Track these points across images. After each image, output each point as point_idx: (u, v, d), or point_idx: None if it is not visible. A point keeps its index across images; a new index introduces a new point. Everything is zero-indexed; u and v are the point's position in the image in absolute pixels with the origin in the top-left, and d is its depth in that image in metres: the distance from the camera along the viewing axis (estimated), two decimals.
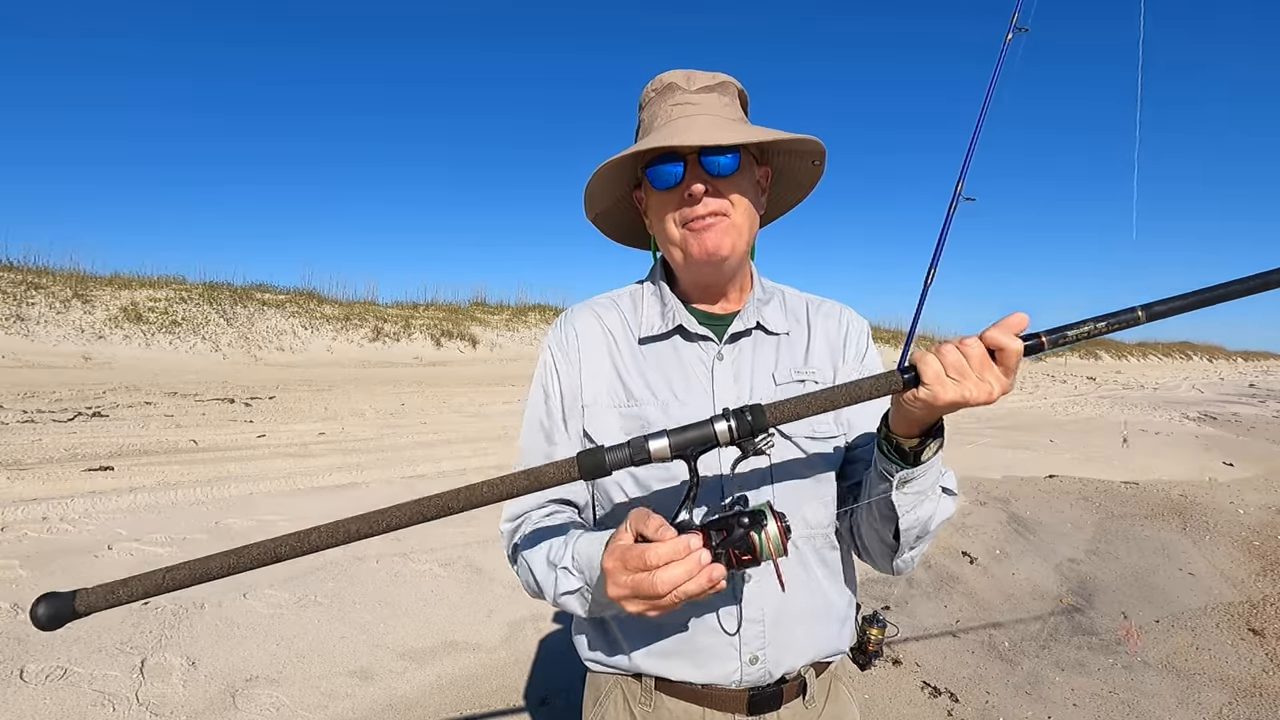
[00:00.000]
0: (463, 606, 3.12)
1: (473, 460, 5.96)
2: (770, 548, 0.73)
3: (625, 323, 1.00)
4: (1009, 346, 0.70)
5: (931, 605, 3.39)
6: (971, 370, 0.71)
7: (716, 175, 0.89)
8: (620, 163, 0.93)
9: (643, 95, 0.98)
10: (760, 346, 0.98)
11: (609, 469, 0.73)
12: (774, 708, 0.94)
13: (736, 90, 0.98)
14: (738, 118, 0.96)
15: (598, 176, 0.95)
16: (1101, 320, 0.70)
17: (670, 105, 0.93)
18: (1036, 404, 14.10)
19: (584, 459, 0.74)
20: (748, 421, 0.72)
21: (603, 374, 0.97)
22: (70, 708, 2.16)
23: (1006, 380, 0.71)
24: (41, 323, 11.97)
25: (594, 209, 1.03)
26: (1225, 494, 5.59)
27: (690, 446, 0.73)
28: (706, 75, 0.95)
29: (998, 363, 0.71)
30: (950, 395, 0.71)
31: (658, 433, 0.74)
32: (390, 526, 0.71)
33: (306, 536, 0.70)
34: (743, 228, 0.93)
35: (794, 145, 0.96)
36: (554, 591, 0.87)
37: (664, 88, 0.95)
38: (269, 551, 0.70)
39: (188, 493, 4.47)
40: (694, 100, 0.93)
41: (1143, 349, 51.91)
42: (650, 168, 0.92)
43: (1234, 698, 2.60)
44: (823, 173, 1.01)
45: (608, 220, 1.08)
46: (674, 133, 0.89)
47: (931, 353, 0.72)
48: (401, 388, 11.10)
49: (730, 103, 0.96)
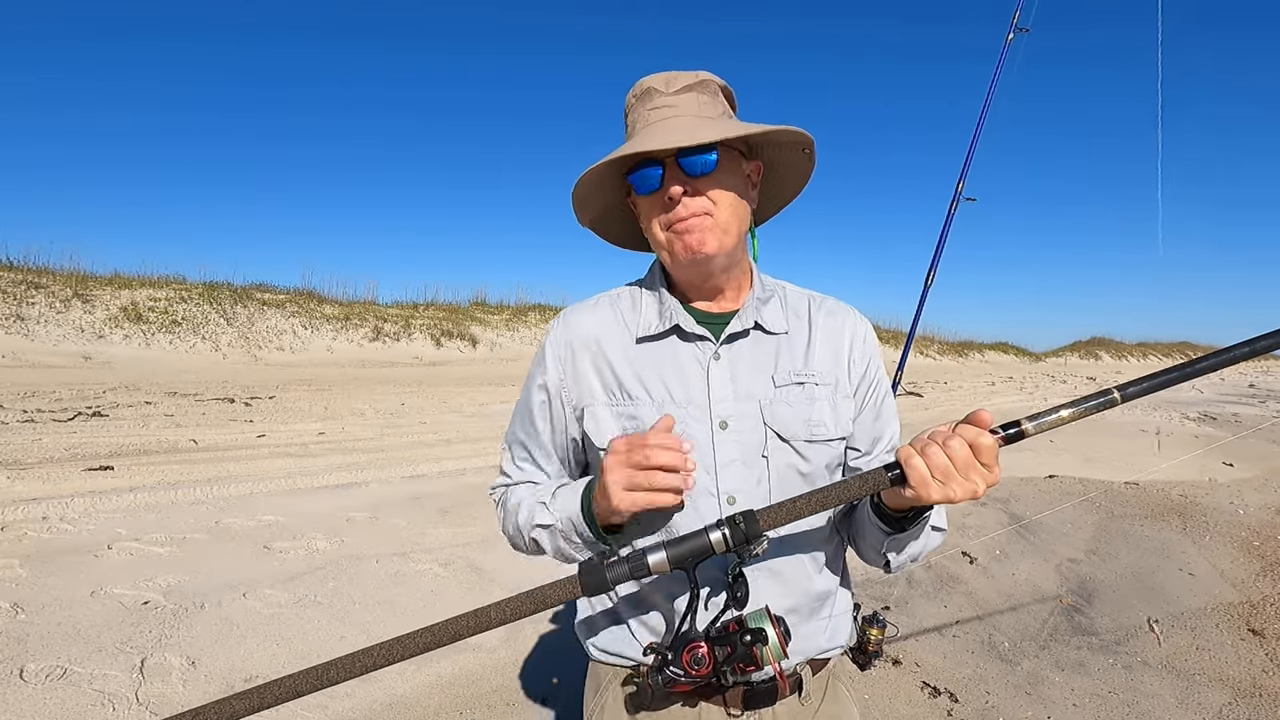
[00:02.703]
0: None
1: (473, 460, 5.96)
2: (771, 656, 0.79)
3: (623, 322, 0.99)
4: (985, 442, 0.71)
5: (931, 605, 3.39)
6: (957, 472, 0.71)
7: (696, 175, 0.89)
8: (607, 170, 0.93)
9: (626, 100, 0.98)
10: (759, 347, 0.97)
11: (610, 585, 0.78)
12: (769, 703, 0.95)
13: (717, 87, 0.97)
14: (719, 114, 0.95)
15: (582, 184, 0.95)
16: (1080, 404, 0.73)
17: (648, 110, 0.93)
18: (1036, 404, 14.10)
19: (585, 576, 0.78)
20: (741, 530, 0.76)
21: (599, 372, 0.97)
22: (70, 707, 2.16)
23: (991, 475, 0.72)
24: (41, 322, 11.97)
25: (586, 215, 1.03)
26: (1225, 494, 5.59)
27: (688, 558, 0.77)
28: (687, 75, 0.94)
29: (979, 458, 0.71)
30: (936, 497, 0.72)
31: (655, 546, 0.78)
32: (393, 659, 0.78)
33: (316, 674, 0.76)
34: (729, 225, 0.92)
35: (775, 137, 0.94)
36: (529, 523, 0.95)
37: (643, 93, 0.95)
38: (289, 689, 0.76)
39: (187, 492, 4.47)
40: (671, 103, 0.92)
41: (1143, 349, 51.92)
42: (631, 174, 0.92)
43: (1234, 698, 2.60)
44: (814, 163, 1.00)
45: (608, 226, 1.08)
46: (648, 138, 0.89)
47: (917, 451, 0.72)
48: (401, 388, 11.11)
49: (710, 100, 0.95)
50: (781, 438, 0.92)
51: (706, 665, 0.78)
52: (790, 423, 0.93)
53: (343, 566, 3.44)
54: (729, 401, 0.93)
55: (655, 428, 0.85)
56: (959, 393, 16.13)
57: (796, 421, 0.93)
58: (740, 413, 0.92)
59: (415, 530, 4.08)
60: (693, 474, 0.82)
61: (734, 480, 0.91)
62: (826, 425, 0.94)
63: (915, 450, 0.73)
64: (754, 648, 0.78)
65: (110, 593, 2.95)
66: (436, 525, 4.19)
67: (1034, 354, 40.95)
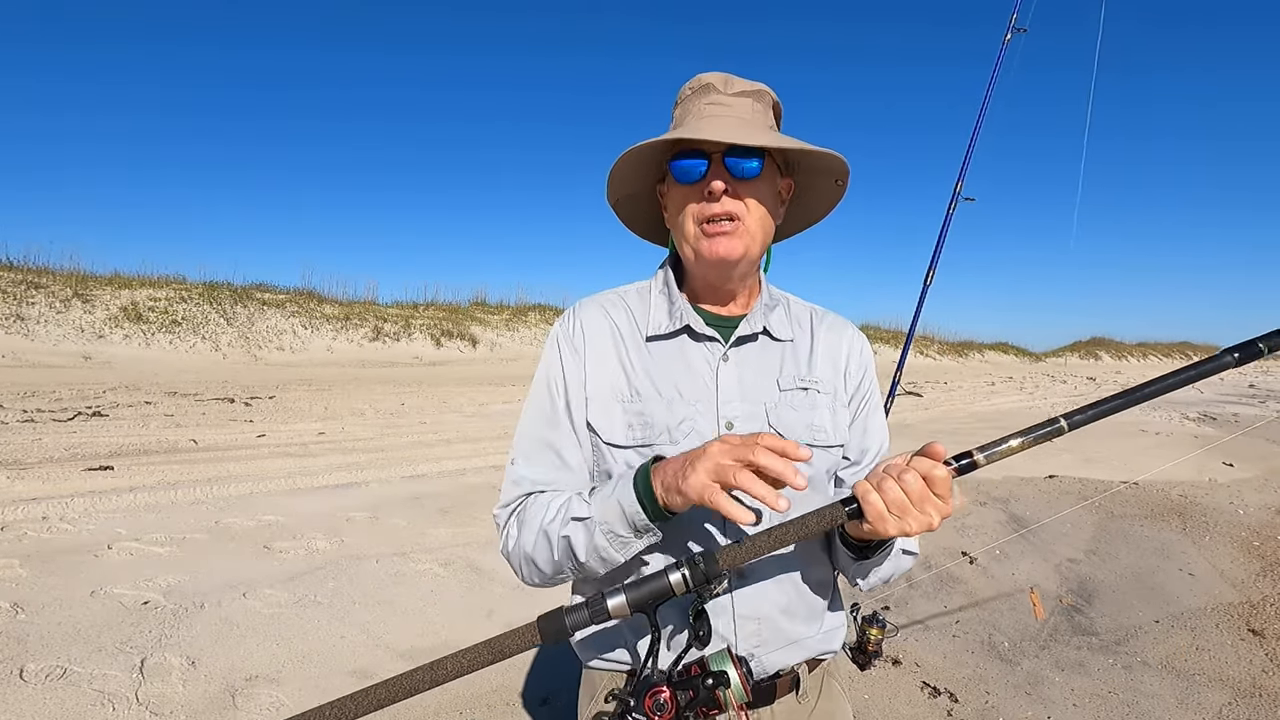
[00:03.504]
0: (462, 606, 3.12)
1: (473, 460, 5.96)
2: (734, 698, 0.79)
3: (632, 319, 1.00)
4: (938, 475, 0.72)
5: (931, 605, 3.39)
6: (913, 505, 0.72)
7: (738, 177, 0.89)
8: (648, 153, 0.94)
9: (680, 92, 0.99)
10: (766, 351, 0.98)
11: (570, 631, 0.77)
12: (767, 702, 0.95)
13: (772, 100, 0.98)
14: (769, 125, 0.96)
15: (625, 160, 0.95)
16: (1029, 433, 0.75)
17: (704, 104, 0.94)
18: (1036, 404, 14.10)
19: (544, 625, 0.77)
20: (701, 570, 0.75)
21: (608, 368, 0.97)
22: (70, 707, 2.16)
23: (946, 507, 0.73)
24: (41, 322, 11.97)
25: (615, 194, 1.03)
26: (1225, 494, 5.59)
27: (648, 601, 0.76)
28: (744, 81, 0.95)
29: (933, 489, 0.72)
30: (893, 531, 0.73)
31: (614, 589, 0.77)
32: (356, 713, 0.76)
33: None
34: (756, 234, 0.93)
35: (819, 161, 0.96)
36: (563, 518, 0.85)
37: (701, 87, 0.95)
38: None
39: (187, 492, 4.48)
40: (727, 103, 0.93)
41: (1143, 349, 51.94)
42: (675, 160, 0.92)
43: (1234, 698, 2.60)
44: (843, 195, 1.02)
45: (629, 209, 1.08)
46: (702, 128, 0.89)
47: (873, 487, 0.73)
48: (401, 387, 11.11)
49: (764, 110, 0.96)
50: None
51: (669, 711, 0.78)
52: (794, 426, 0.94)
53: (343, 566, 3.44)
54: (736, 402, 0.93)
55: (770, 441, 0.73)
56: (959, 393, 16.13)
57: (800, 425, 0.94)
58: (746, 414, 0.93)
59: (415, 530, 4.08)
60: (782, 501, 0.71)
61: None
62: (827, 431, 0.96)
63: (871, 485, 0.73)
64: (716, 691, 0.78)
65: (110, 593, 2.95)
66: (436, 525, 4.20)
67: (1034, 354, 40.96)
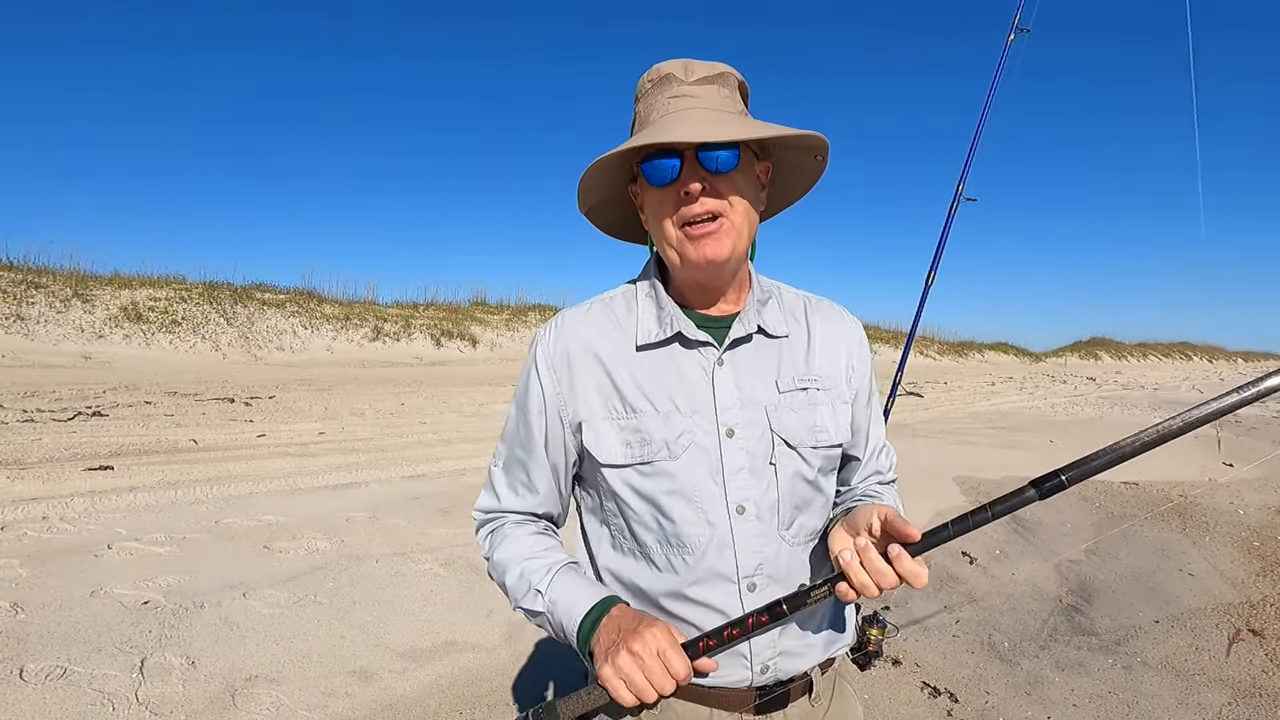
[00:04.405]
0: (463, 606, 3.12)
1: (473, 460, 5.96)
2: None
3: (620, 328, 0.95)
4: (903, 562, 0.78)
5: (931, 605, 3.39)
6: (887, 581, 0.80)
7: (714, 172, 0.85)
8: (619, 156, 0.89)
9: (638, 86, 0.94)
10: (762, 352, 0.94)
11: None
12: (781, 707, 0.94)
13: (737, 81, 0.93)
14: (738, 111, 0.91)
15: (593, 171, 0.91)
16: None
17: (667, 98, 0.88)
18: (1036, 404, 14.10)
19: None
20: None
21: (598, 385, 0.92)
22: (70, 707, 2.16)
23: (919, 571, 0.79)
24: (41, 322, 11.97)
25: (587, 203, 0.99)
26: (1225, 494, 5.59)
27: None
28: (705, 65, 0.90)
29: (898, 568, 0.79)
30: (873, 593, 0.80)
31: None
32: None
33: None
34: (742, 228, 0.89)
35: (794, 141, 0.92)
36: (517, 600, 0.93)
37: (661, 79, 0.90)
38: None
39: (187, 492, 4.48)
40: (692, 92, 0.88)
41: (1143, 349, 51.95)
42: (646, 163, 0.87)
43: (1234, 698, 2.60)
44: (825, 167, 0.97)
45: (602, 215, 1.04)
46: (670, 127, 0.85)
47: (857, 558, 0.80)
48: (401, 387, 11.11)
49: (730, 95, 0.91)
50: (788, 444, 0.91)
51: None
52: (796, 429, 0.91)
53: (343, 566, 3.44)
54: (735, 409, 0.90)
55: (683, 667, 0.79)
56: (959, 393, 16.13)
57: (802, 428, 0.92)
58: (747, 420, 0.90)
59: (415, 530, 4.08)
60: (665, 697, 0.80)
61: (743, 489, 0.89)
62: (829, 431, 0.93)
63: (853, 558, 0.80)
64: None
65: (110, 593, 2.95)
66: (436, 525, 4.19)
67: (1034, 354, 40.97)
